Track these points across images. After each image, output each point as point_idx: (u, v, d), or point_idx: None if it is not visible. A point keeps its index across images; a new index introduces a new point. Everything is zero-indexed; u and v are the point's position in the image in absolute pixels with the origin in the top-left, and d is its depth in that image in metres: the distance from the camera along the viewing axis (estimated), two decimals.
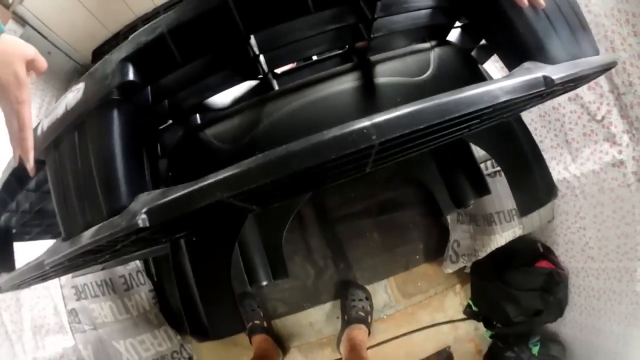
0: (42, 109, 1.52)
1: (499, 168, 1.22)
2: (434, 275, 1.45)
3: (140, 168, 0.43)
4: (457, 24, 0.64)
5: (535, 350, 1.29)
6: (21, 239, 0.87)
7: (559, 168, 1.20)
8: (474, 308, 1.43)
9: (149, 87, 0.45)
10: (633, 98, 0.96)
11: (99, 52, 1.60)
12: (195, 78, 0.46)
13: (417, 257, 1.45)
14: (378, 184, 1.43)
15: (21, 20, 1.39)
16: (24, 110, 0.54)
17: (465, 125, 0.41)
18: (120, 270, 1.31)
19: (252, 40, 0.43)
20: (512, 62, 0.50)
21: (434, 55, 0.55)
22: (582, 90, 1.06)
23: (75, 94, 0.45)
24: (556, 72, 0.43)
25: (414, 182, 0.96)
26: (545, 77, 0.42)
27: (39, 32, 1.41)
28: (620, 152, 1.02)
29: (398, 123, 0.32)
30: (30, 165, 0.53)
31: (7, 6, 1.44)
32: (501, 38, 0.51)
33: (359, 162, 0.39)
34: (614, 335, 1.13)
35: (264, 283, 0.87)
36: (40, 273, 0.53)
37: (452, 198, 0.99)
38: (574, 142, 1.14)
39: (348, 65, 0.54)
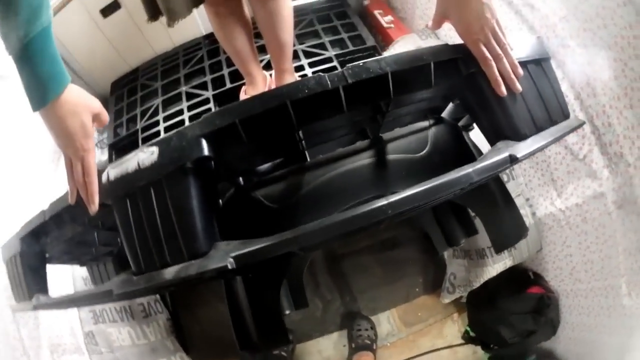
0: None
1: None
2: (433, 306, 1.65)
3: (212, 222, 0.59)
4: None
5: None
6: (48, 261, 0.96)
7: (546, 204, 1.39)
8: (471, 334, 1.60)
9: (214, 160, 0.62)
10: (612, 137, 1.12)
11: (118, 85, 1.74)
12: (253, 153, 0.64)
13: (417, 289, 1.66)
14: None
15: None
16: (89, 158, 0.65)
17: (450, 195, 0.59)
18: (139, 299, 1.44)
19: (300, 133, 0.61)
20: (490, 138, 0.69)
21: (431, 133, 0.75)
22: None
23: (149, 155, 0.60)
24: (522, 149, 0.62)
25: (410, 224, 1.13)
26: (510, 156, 0.60)
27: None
28: (600, 185, 1.18)
29: (404, 202, 0.50)
30: (95, 207, 0.64)
31: None
32: (483, 118, 0.70)
33: (377, 224, 0.56)
34: (607, 345, 1.28)
35: (287, 312, 1.01)
36: (93, 300, 0.69)
37: (446, 238, 1.15)
38: (559, 180, 1.33)
39: (366, 143, 0.74)
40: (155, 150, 0.59)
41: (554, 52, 1.19)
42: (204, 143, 0.58)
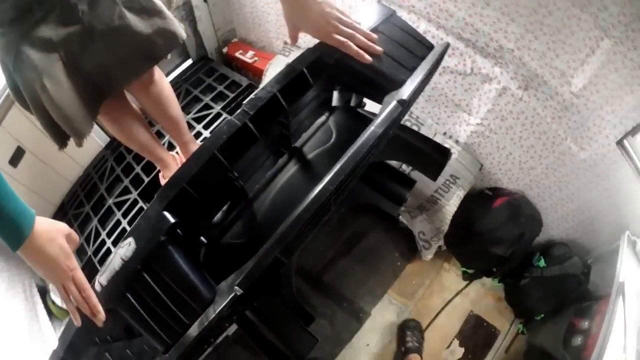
0: (27, 292, 1.67)
1: None
2: (421, 268, 1.85)
3: (203, 273, 0.72)
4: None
5: (541, 263, 1.62)
6: None
7: (464, 127, 1.63)
8: (469, 271, 1.80)
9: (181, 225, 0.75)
10: (485, 38, 1.33)
11: None
12: (207, 207, 0.79)
13: (399, 263, 1.86)
14: (336, 229, 1.85)
15: None
16: (78, 275, 0.73)
17: (371, 155, 0.77)
18: None
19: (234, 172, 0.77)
20: (378, 99, 0.88)
21: (331, 122, 0.95)
22: (446, 62, 1.47)
23: (127, 247, 0.71)
24: (405, 92, 0.80)
25: (362, 211, 1.29)
26: (399, 101, 0.79)
27: None
28: (499, 82, 1.40)
29: (338, 174, 0.68)
30: (102, 315, 0.72)
31: None
32: (365, 89, 0.90)
33: (328, 203, 0.73)
34: (592, 201, 1.46)
35: None
36: None
37: (392, 200, 1.33)
38: (462, 102, 1.55)
39: (286, 157, 0.93)
40: (131, 240, 0.71)
41: (418, 9, 1.43)
42: (167, 214, 0.72)
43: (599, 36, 1.12)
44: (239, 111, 0.74)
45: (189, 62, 2.20)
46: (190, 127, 1.74)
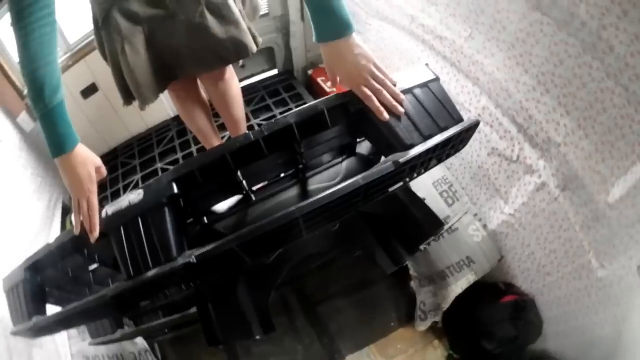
0: (52, 201, 2.04)
1: (440, 232, 1.72)
2: (411, 336, 1.93)
3: (182, 239, 0.93)
4: None
5: None
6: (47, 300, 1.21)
7: (497, 214, 1.69)
8: (455, 356, 1.84)
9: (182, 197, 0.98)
10: (536, 127, 1.37)
11: None
12: (210, 193, 1.01)
13: (392, 324, 1.97)
14: (347, 268, 2.00)
15: (33, 116, 1.89)
16: (93, 198, 0.97)
17: (351, 202, 0.93)
18: (130, 347, 1.74)
19: (239, 172, 0.98)
20: (386, 155, 1.03)
21: (344, 165, 1.14)
22: (496, 142, 1.55)
23: (136, 195, 0.95)
24: (405, 156, 0.93)
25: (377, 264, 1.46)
26: (393, 162, 0.92)
27: None
28: (539, 176, 1.43)
29: (309, 205, 0.85)
30: (95, 236, 0.94)
31: (22, 96, 1.99)
32: (378, 142, 1.06)
33: (296, 227, 0.91)
34: (597, 324, 1.43)
35: (258, 337, 1.28)
36: (91, 311, 1.00)
37: (390, 258, 1.44)
38: (502, 188, 1.62)
39: (293, 181, 1.15)
40: (141, 192, 0.96)
41: (466, 72, 1.57)
42: (174, 185, 0.94)
43: None
44: (257, 129, 0.95)
45: (274, 71, 2.47)
46: (252, 130, 2.00)
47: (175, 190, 0.94)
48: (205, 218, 1.15)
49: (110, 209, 0.98)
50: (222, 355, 1.89)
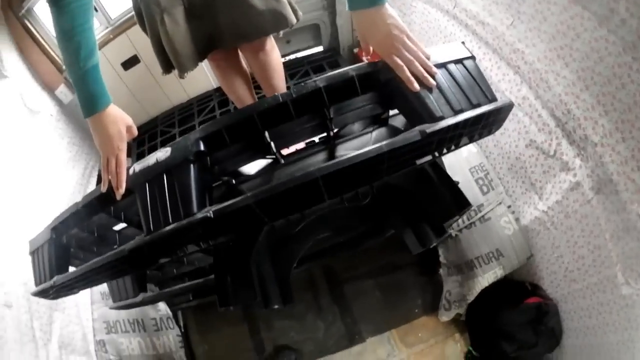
0: (87, 169, 2.10)
1: (473, 220, 1.68)
2: (434, 326, 1.88)
3: (204, 196, 0.92)
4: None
5: None
6: (71, 263, 1.22)
7: (530, 210, 1.62)
8: (474, 353, 1.78)
9: (209, 156, 0.96)
10: (574, 123, 1.32)
11: (139, 131, 2.22)
12: (237, 153, 1.00)
13: (417, 310, 1.92)
14: (377, 250, 1.93)
15: (72, 87, 1.93)
16: (121, 155, 0.98)
17: (374, 169, 0.89)
18: (152, 313, 1.77)
19: (266, 134, 0.96)
20: (414, 125, 0.99)
21: (373, 135, 1.08)
22: (534, 135, 1.49)
23: (164, 153, 0.94)
24: (433, 127, 0.88)
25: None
26: (420, 130, 0.88)
27: None
28: (575, 175, 1.38)
29: (330, 167, 0.82)
30: (121, 192, 0.95)
31: (61, 70, 2.05)
32: (407, 112, 1.01)
33: (316, 189, 0.87)
34: (613, 345, 1.37)
35: (276, 306, 1.26)
36: (110, 267, 1.00)
37: (418, 239, 1.37)
38: (537, 182, 1.56)
39: (322, 147, 1.11)
40: (168, 149, 0.95)
41: (507, 59, 1.50)
42: (201, 142, 0.93)
43: None
44: (287, 92, 0.92)
45: (320, 48, 2.44)
46: None
47: (202, 147, 0.92)
48: (232, 180, 1.13)
49: (137, 166, 0.98)
50: (243, 326, 1.89)
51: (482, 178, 1.72)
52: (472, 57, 1.04)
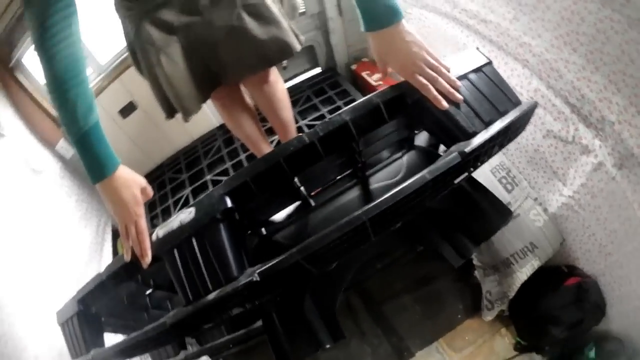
0: (100, 226, 1.98)
1: None
2: (479, 327, 1.81)
3: (241, 255, 0.84)
4: None
5: (592, 354, 1.55)
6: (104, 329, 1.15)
7: (556, 197, 1.57)
8: (522, 343, 1.73)
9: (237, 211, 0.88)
10: (589, 106, 1.29)
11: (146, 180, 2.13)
12: (266, 204, 0.91)
13: (459, 316, 1.85)
14: (409, 264, 1.83)
15: None
16: (141, 221, 0.88)
17: (418, 200, 0.82)
18: None
19: (296, 179, 0.88)
20: (447, 146, 0.92)
21: (404, 160, 1.01)
22: (551, 124, 1.44)
23: (187, 214, 0.85)
24: (470, 144, 0.82)
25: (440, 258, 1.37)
26: (459, 152, 0.81)
27: None
28: (596, 156, 1.35)
29: (375, 207, 0.75)
30: (147, 261, 0.85)
31: (58, 124, 1.87)
32: (438, 133, 0.94)
33: (364, 231, 0.80)
34: None
35: (328, 346, 1.17)
36: (150, 340, 0.91)
37: (457, 252, 1.30)
38: (560, 170, 1.51)
39: (353, 182, 1.02)
40: (192, 210, 0.86)
41: (514, 54, 1.45)
42: (227, 198, 0.84)
43: None
44: (311, 130, 0.85)
45: (318, 70, 2.34)
46: (301, 132, 1.87)
47: (229, 204, 0.84)
48: (263, 229, 1.05)
49: (161, 231, 0.89)
50: None
51: (504, 177, 1.66)
52: (490, 63, 0.98)
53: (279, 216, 1.07)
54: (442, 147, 1.15)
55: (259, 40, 1.12)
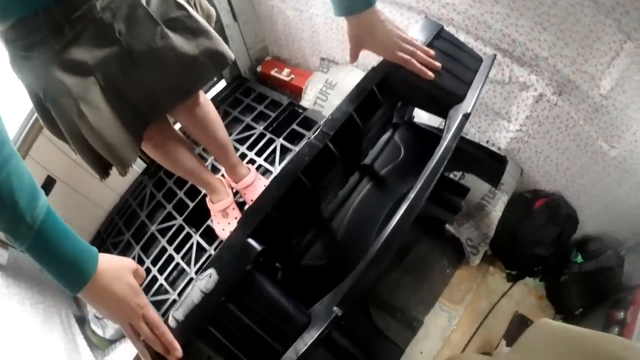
0: (64, 323, 1.60)
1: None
2: (469, 274, 1.85)
3: (292, 297, 0.71)
4: None
5: (579, 259, 1.65)
6: None
7: (503, 134, 1.64)
8: (513, 273, 1.81)
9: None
10: (521, 48, 1.36)
11: None
12: (289, 230, 0.78)
13: (448, 271, 1.86)
14: None
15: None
16: (149, 312, 0.68)
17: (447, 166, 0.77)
18: None
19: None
20: (440, 113, 0.88)
21: (397, 138, 0.94)
22: None
23: (207, 279, 0.68)
24: (467, 105, 0.80)
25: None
26: (465, 115, 0.78)
27: None
28: (535, 89, 1.43)
29: (422, 192, 0.67)
30: (179, 352, 0.67)
31: None
32: (427, 103, 0.90)
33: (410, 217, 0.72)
34: (622, 195, 1.50)
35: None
36: None
37: (448, 209, 1.33)
38: (502, 110, 1.57)
39: (357, 176, 0.93)
40: (211, 272, 0.69)
41: (438, 16, 1.47)
42: (253, 242, 0.71)
43: (623, 39, 1.16)
44: (317, 133, 0.74)
45: (223, 83, 2.12)
46: (236, 150, 1.71)
47: (258, 247, 0.70)
48: (278, 263, 0.90)
49: (178, 312, 0.70)
50: None
51: None
52: (442, 27, 0.99)
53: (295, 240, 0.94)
54: (417, 118, 1.12)
55: (189, 57, 0.94)
